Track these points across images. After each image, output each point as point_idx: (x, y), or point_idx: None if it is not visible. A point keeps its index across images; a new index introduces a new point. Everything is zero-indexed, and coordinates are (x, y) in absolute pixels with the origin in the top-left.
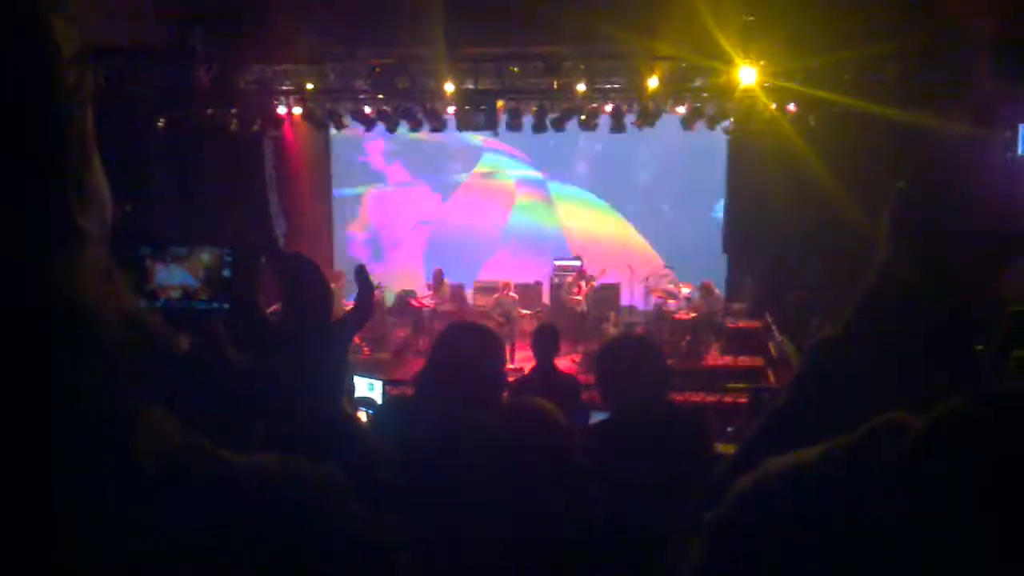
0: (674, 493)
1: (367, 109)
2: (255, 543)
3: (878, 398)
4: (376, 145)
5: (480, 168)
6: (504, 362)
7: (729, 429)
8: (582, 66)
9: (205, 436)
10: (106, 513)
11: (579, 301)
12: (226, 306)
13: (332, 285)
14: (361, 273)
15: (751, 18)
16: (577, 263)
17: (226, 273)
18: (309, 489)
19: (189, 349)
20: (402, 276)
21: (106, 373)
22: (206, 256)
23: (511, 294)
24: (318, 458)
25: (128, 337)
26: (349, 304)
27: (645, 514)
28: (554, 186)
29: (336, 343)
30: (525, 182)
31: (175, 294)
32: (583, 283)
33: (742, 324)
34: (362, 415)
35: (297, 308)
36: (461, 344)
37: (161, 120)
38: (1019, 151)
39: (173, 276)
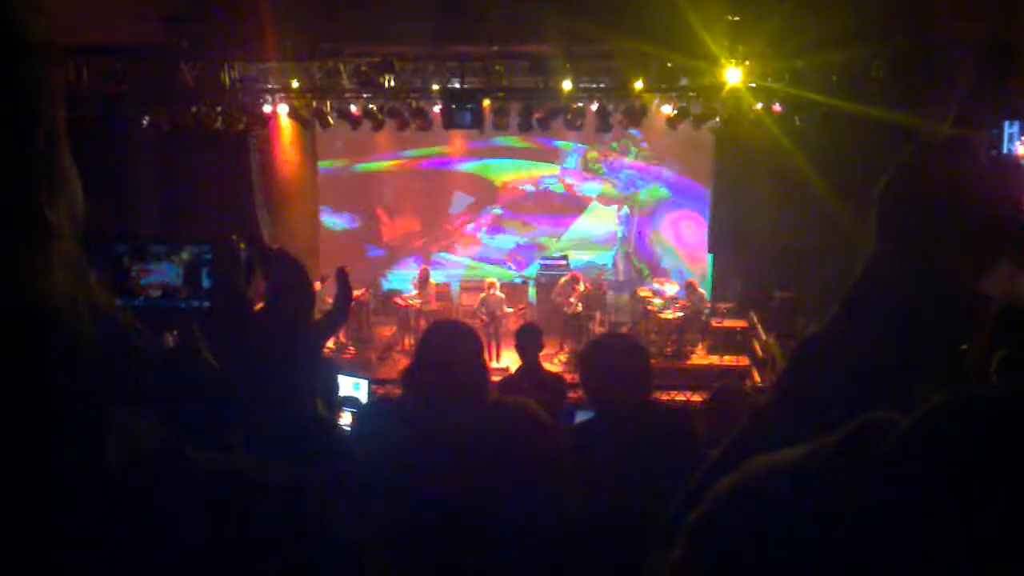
0: (658, 492)
1: (353, 108)
2: (227, 544)
3: (863, 396)
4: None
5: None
6: (485, 360)
7: None
8: (568, 65)
9: (182, 436)
10: (76, 514)
11: (573, 304)
12: (207, 304)
13: (317, 284)
14: (342, 275)
15: (736, 18)
16: (564, 262)
17: (206, 270)
18: (282, 491)
19: (168, 349)
20: (389, 274)
21: (76, 373)
22: (186, 254)
23: (497, 293)
24: (290, 458)
25: (100, 336)
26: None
27: (628, 514)
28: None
29: (312, 343)
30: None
31: (155, 293)
32: (579, 286)
33: (728, 324)
34: (347, 415)
35: (279, 305)
36: (443, 343)
37: (146, 119)
38: (1003, 149)
39: (152, 274)
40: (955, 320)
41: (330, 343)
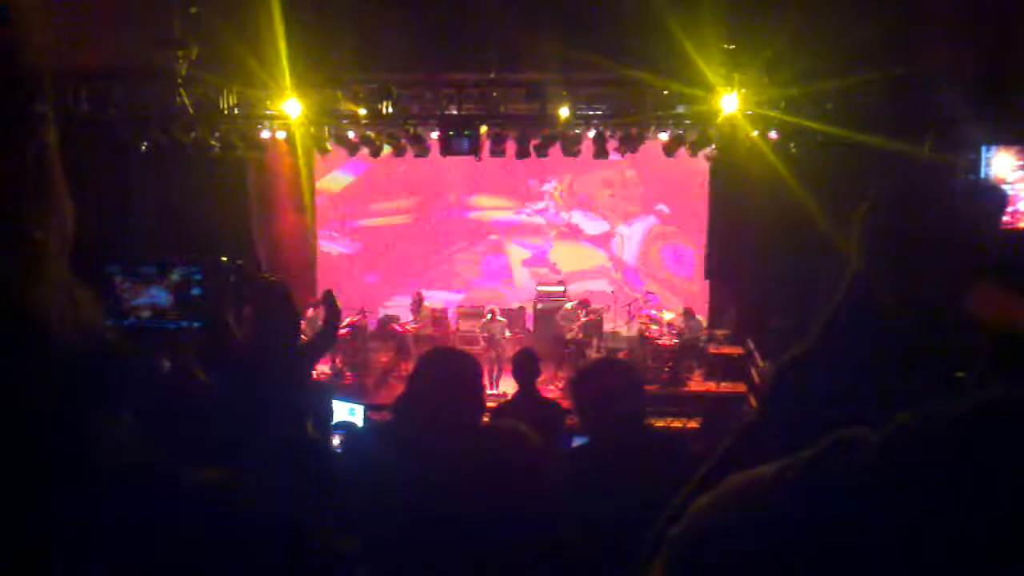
0: (650, 518)
1: (351, 134)
2: (202, 554)
3: (843, 415)
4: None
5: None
6: (483, 387)
7: None
8: (565, 92)
9: (173, 451)
10: (56, 519)
11: (575, 330)
12: (196, 325)
13: (311, 310)
14: (329, 297)
15: (732, 47)
16: (561, 289)
17: (195, 292)
18: (256, 503)
19: (164, 367)
20: (385, 299)
21: (60, 386)
22: (176, 275)
23: (498, 318)
24: (280, 475)
25: (86, 351)
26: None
27: (622, 539)
28: None
29: (301, 366)
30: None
31: (145, 313)
32: (582, 312)
33: (724, 350)
34: (338, 439)
35: (264, 330)
36: (440, 369)
37: (144, 143)
38: (981, 174)
39: (143, 295)
40: (938, 342)
41: (326, 368)
